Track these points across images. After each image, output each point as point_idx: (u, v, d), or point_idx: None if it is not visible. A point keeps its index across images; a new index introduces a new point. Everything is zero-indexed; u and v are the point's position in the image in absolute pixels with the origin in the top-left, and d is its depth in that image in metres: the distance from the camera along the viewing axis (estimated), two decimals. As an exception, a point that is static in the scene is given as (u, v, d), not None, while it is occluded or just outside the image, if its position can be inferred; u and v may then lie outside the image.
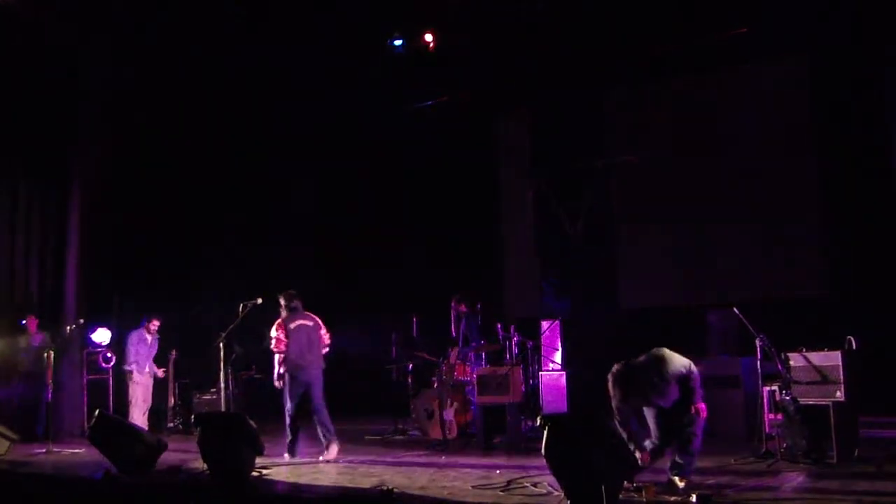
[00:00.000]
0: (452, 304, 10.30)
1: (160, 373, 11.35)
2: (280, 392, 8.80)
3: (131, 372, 10.93)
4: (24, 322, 11.26)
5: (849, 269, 10.16)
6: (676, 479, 5.96)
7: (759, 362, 7.55)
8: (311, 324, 8.89)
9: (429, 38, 11.44)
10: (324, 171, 14.06)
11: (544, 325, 10.56)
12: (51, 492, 7.41)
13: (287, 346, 8.67)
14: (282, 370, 8.69)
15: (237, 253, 13.59)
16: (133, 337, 11.08)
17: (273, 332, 8.74)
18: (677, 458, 6.06)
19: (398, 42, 11.57)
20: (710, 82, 11.54)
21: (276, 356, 8.74)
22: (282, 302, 8.89)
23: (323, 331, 8.96)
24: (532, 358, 10.24)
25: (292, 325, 8.76)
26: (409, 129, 13.15)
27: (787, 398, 7.25)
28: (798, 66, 10.78)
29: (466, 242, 13.07)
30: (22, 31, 10.98)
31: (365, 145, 13.58)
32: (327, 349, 8.99)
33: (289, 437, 8.65)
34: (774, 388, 7.58)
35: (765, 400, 7.72)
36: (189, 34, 11.16)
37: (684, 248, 11.51)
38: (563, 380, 10.23)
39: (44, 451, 9.47)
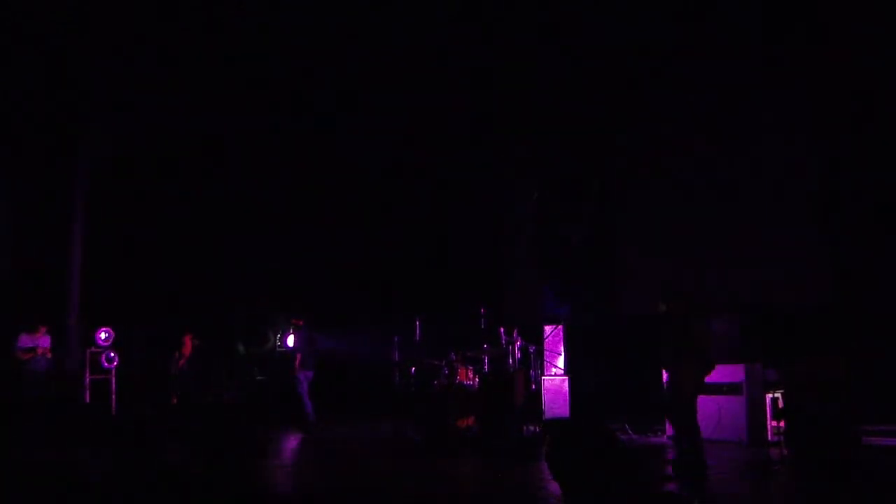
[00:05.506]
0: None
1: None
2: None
3: None
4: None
5: (852, 276, 10.13)
6: None
7: (761, 369, 7.55)
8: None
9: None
10: (324, 172, 14.05)
11: (547, 329, 10.54)
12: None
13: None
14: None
15: (242, 256, 13.58)
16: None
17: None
18: None
19: None
20: (710, 88, 11.52)
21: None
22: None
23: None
24: (534, 362, 10.22)
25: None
26: (409, 134, 13.15)
27: (790, 405, 7.24)
28: (801, 71, 10.76)
29: (468, 246, 13.05)
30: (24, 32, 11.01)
31: (365, 148, 13.58)
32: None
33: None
34: (777, 394, 7.57)
35: (767, 406, 7.71)
36: (187, 32, 11.16)
37: (686, 255, 11.48)
38: (566, 384, 10.22)
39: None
